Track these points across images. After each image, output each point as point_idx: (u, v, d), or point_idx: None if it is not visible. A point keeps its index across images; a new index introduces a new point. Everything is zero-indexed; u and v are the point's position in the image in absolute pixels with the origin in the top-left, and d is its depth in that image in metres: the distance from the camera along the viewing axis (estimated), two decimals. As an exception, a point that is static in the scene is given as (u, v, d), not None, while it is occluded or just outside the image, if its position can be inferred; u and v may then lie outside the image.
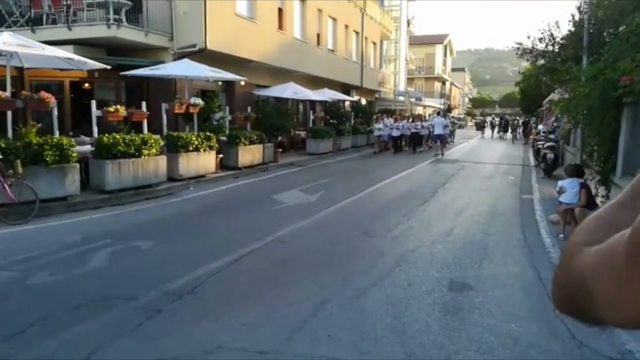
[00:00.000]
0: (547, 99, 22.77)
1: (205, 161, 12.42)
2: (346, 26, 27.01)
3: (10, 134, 8.64)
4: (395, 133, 22.08)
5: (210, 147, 12.56)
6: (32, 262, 5.67)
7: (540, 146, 15.60)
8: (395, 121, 22.63)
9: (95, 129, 10.51)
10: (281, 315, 4.36)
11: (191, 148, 11.83)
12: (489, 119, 54.44)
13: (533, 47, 12.94)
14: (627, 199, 0.61)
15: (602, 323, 0.58)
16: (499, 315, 4.43)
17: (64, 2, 13.45)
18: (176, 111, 12.67)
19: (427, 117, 27.50)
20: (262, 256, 6.21)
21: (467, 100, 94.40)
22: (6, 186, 7.57)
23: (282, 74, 20.10)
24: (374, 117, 25.91)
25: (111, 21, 13.08)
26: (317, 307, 4.54)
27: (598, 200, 8.16)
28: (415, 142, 22.95)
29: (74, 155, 8.93)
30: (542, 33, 12.41)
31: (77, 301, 4.52)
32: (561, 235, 7.15)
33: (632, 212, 0.54)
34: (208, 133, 12.63)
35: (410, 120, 23.71)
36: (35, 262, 5.67)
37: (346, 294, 4.89)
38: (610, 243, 0.55)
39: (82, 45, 13.18)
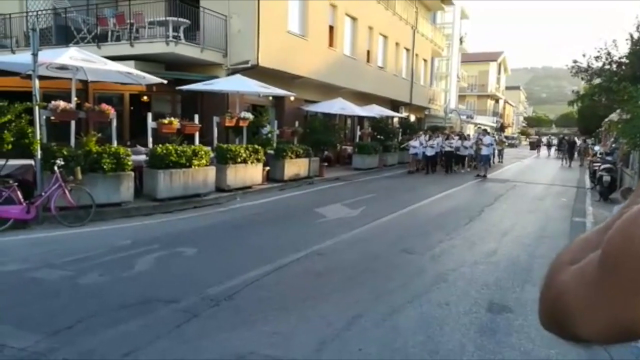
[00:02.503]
0: (606, 119, 21.77)
1: (252, 173, 12.73)
2: (397, 43, 27.06)
3: (72, 142, 9.25)
4: (430, 152, 20.07)
5: (258, 160, 12.87)
6: (84, 262, 6.03)
7: (597, 168, 14.92)
8: (429, 139, 20.50)
9: (150, 140, 11.04)
10: (314, 327, 4.41)
11: (239, 160, 12.18)
12: (544, 138, 52.55)
13: (589, 66, 12.45)
14: (613, 222, 0.64)
15: (579, 339, 0.60)
16: (538, 340, 4.27)
17: (128, 21, 14.31)
18: (227, 124, 13.11)
19: (470, 136, 25.26)
20: (300, 267, 6.29)
21: (521, 119, 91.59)
22: (66, 191, 8.09)
23: (331, 90, 20.36)
24: (420, 133, 24.40)
25: (170, 38, 13.78)
26: (350, 320, 4.55)
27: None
28: (449, 162, 20.91)
29: (129, 164, 9.42)
30: (599, 51, 11.97)
31: (122, 302, 4.76)
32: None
33: None
34: (256, 146, 12.96)
35: (445, 137, 21.47)
36: (87, 263, 6.03)
37: (381, 309, 4.87)
38: (588, 259, 0.57)
39: (143, 60, 13.96)
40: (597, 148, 22.92)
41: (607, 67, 11.97)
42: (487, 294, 5.47)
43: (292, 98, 17.11)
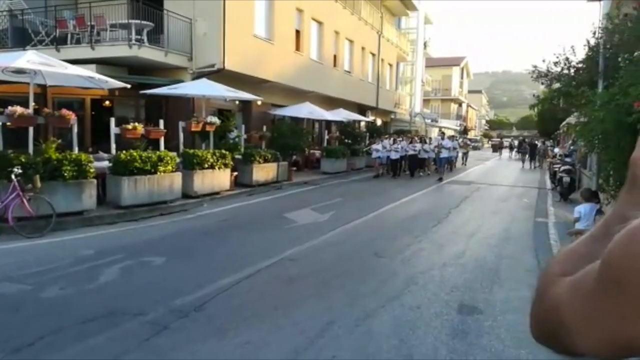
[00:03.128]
0: (564, 122, 22.56)
1: (220, 178, 12.55)
2: (363, 48, 27.30)
3: (31, 149, 8.88)
4: (394, 155, 20.05)
5: (225, 165, 12.70)
6: (44, 275, 5.77)
7: (557, 169, 15.43)
8: (393, 142, 20.54)
9: (113, 146, 10.73)
10: (287, 335, 4.36)
11: (206, 165, 11.98)
12: (506, 141, 54.12)
13: (548, 71, 12.90)
14: (600, 233, 0.62)
15: (577, 353, 0.58)
16: (508, 341, 4.36)
17: (88, 23, 13.90)
18: (193, 129, 12.88)
19: (430, 139, 25.08)
20: (271, 274, 6.23)
21: (483, 122, 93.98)
22: (25, 200, 7.75)
23: (299, 94, 20.35)
24: (386, 136, 23.35)
25: (133, 41, 13.46)
26: (323, 327, 4.52)
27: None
28: (413, 166, 20.77)
29: (91, 171, 9.11)
30: (558, 57, 12.41)
31: (86, 315, 4.58)
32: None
33: (605, 245, 0.55)
34: (223, 151, 12.79)
35: (409, 141, 21.33)
36: (47, 275, 5.78)
37: (353, 314, 4.87)
38: (583, 272, 0.56)
39: (104, 64, 13.58)
40: (556, 150, 23.70)
41: (566, 72, 12.42)
42: (457, 296, 5.55)
43: (259, 102, 16.98)
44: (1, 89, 9.62)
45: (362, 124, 26.76)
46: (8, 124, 8.64)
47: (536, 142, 34.25)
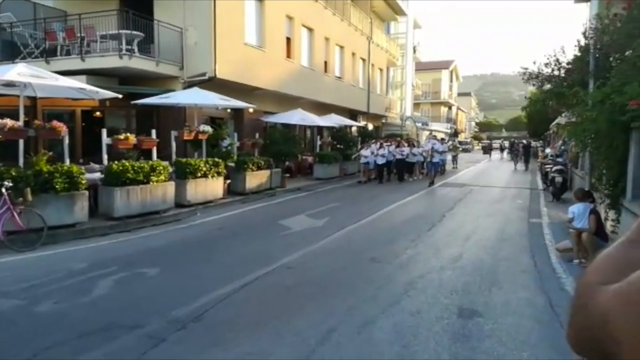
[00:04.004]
0: (554, 122, 22.71)
1: (213, 187, 12.47)
2: (353, 54, 27.38)
3: (21, 162, 8.77)
4: (380, 160, 19.34)
5: (218, 173, 12.63)
6: (38, 289, 5.67)
7: (548, 170, 15.51)
8: (379, 147, 19.66)
9: (105, 157, 10.63)
10: (288, 344, 4.30)
11: (199, 174, 11.90)
12: (497, 142, 54.48)
13: (539, 72, 12.98)
14: (637, 236, 0.60)
15: None
16: (509, 344, 4.33)
17: (78, 34, 13.81)
18: (185, 138, 12.82)
19: (418, 142, 24.52)
20: (269, 283, 6.16)
21: (473, 124, 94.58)
22: (15, 214, 7.63)
23: (290, 101, 20.35)
24: (372, 141, 21.92)
25: (123, 52, 13.39)
26: (324, 335, 4.47)
27: (608, 224, 8.05)
28: (401, 170, 20.23)
29: (83, 182, 9.01)
30: (548, 58, 12.50)
31: (81, 330, 4.49)
32: (575, 261, 7.05)
33: None
34: (216, 159, 12.72)
35: (396, 145, 20.49)
36: (41, 289, 5.68)
37: (354, 321, 4.82)
38: (630, 282, 0.54)
39: (95, 75, 13.50)
40: (547, 150, 23.85)
41: (556, 72, 12.51)
42: (456, 300, 5.52)
43: (251, 110, 16.95)
44: (-10, 101, 9.55)
45: (354, 128, 26.78)
46: (-3, 137, 8.52)
47: (531, 142, 34.36)
